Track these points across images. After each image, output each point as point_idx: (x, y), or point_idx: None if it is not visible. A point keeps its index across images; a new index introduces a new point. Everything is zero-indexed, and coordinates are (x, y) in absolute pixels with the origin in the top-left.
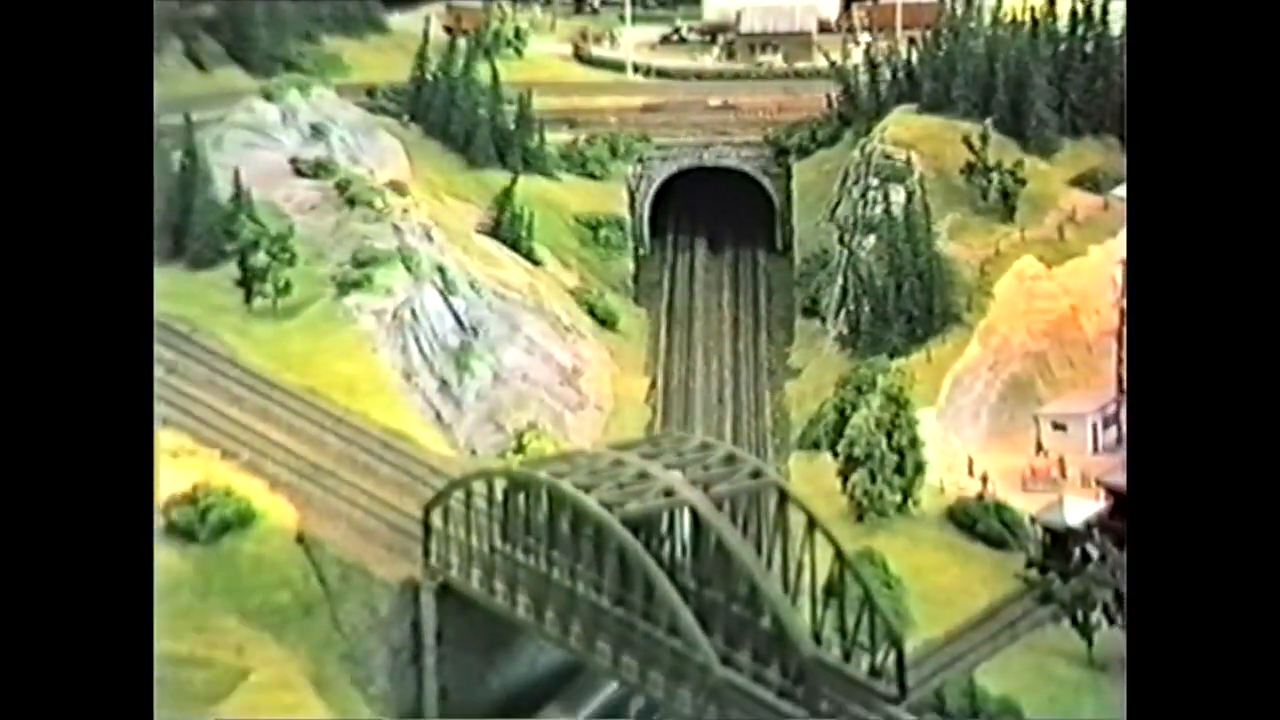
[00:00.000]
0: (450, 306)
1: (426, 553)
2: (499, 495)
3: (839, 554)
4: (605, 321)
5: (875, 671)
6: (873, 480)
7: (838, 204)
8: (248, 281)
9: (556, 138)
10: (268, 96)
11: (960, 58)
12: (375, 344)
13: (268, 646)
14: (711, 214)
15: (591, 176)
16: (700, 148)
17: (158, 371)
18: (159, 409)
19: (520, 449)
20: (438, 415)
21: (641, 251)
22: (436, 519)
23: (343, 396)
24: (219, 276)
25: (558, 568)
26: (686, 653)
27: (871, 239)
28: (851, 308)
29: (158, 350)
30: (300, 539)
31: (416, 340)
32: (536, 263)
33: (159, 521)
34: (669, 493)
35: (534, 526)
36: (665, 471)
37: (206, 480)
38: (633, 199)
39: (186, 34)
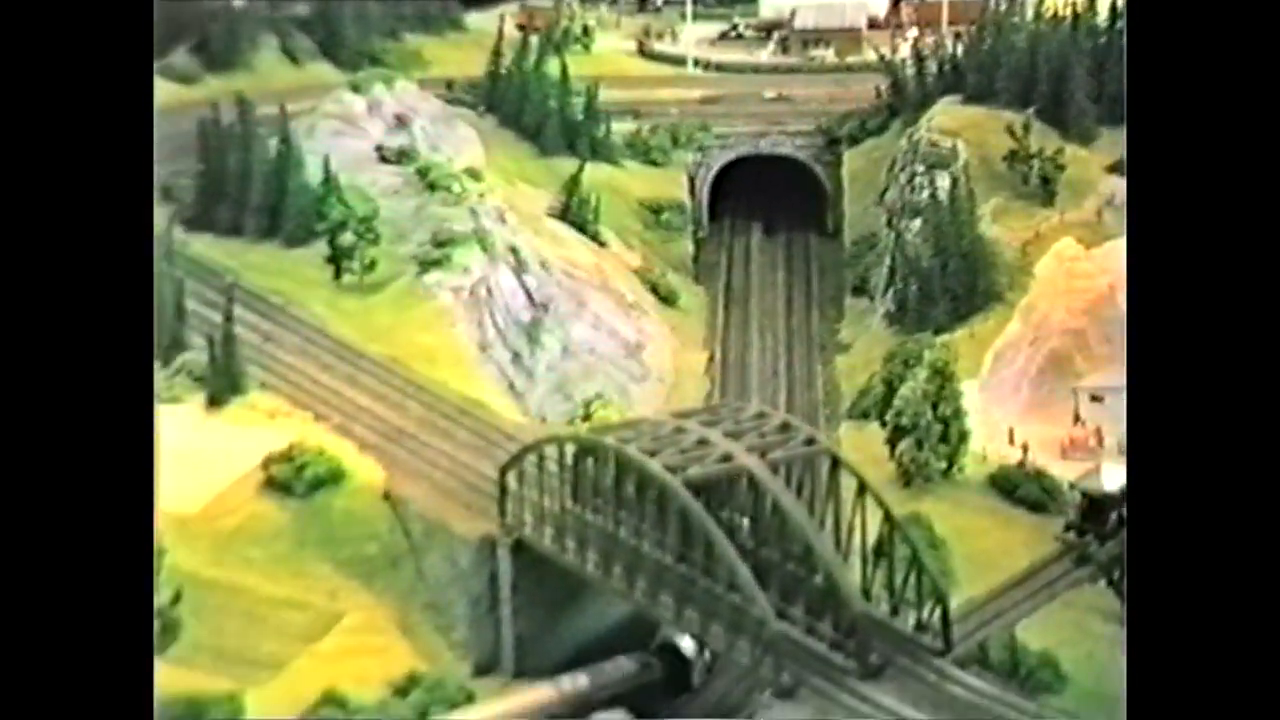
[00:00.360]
0: (523, 284)
1: (502, 511)
2: (569, 459)
3: (888, 516)
4: (666, 299)
5: (922, 626)
6: (919, 448)
7: (886, 189)
8: (336, 259)
9: (621, 127)
10: (355, 89)
11: (1003, 51)
12: (453, 318)
13: (358, 593)
14: (766, 199)
15: (654, 164)
16: (756, 137)
17: (254, 339)
18: (257, 373)
19: (587, 417)
20: (511, 385)
21: (700, 234)
22: (511, 480)
23: (423, 366)
24: (310, 254)
25: (624, 527)
26: (744, 607)
27: (918, 222)
28: (899, 287)
29: (254, 320)
30: (386, 496)
31: (491, 315)
32: (602, 244)
33: (259, 476)
34: (727, 458)
35: (601, 488)
36: (724, 438)
37: (302, 440)
38: (692, 185)
39: (281, 31)
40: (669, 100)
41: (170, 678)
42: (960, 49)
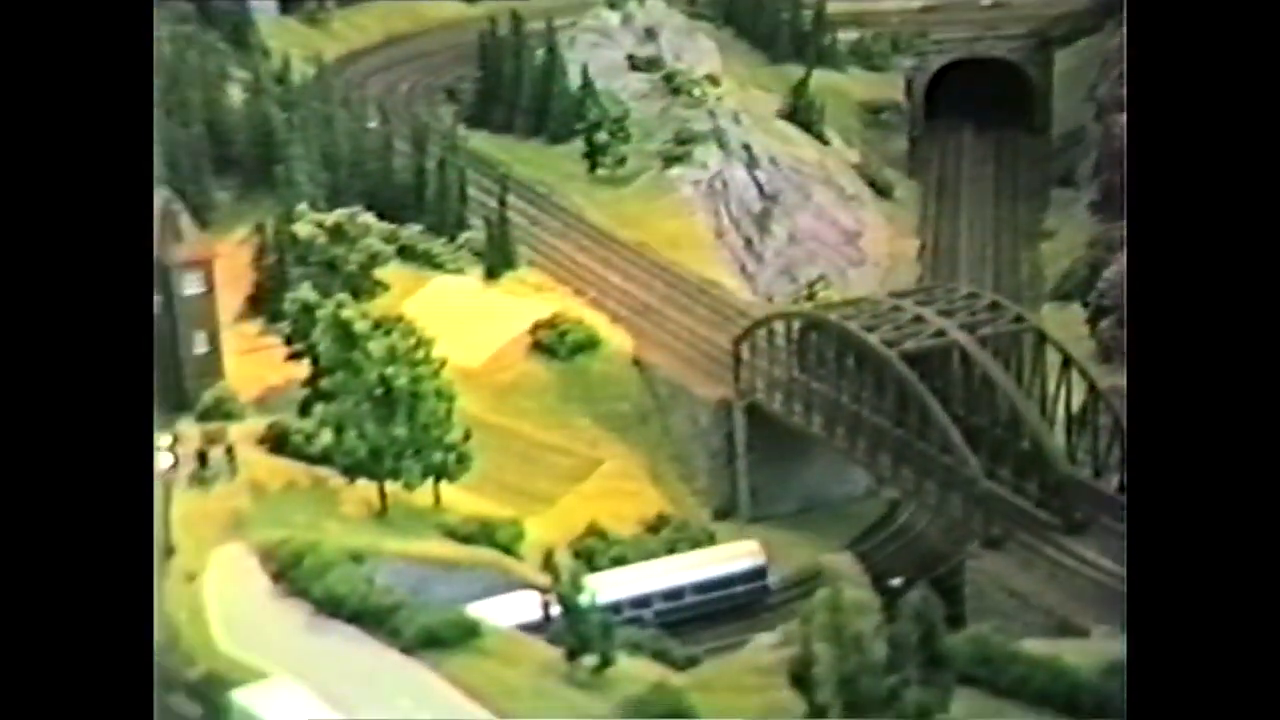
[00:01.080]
0: (754, 178)
1: (737, 378)
2: (795, 333)
3: (1092, 387)
4: (883, 191)
5: (1124, 489)
6: (1119, 326)
7: (1096, 85)
8: (592, 155)
9: (846, 36)
10: (611, 6)
11: None
12: (693, 208)
13: (614, 444)
14: (978, 100)
15: (875, 69)
16: (971, 41)
17: (523, 222)
18: (526, 252)
19: (810, 297)
20: (743, 267)
21: (916, 132)
22: (745, 351)
23: (667, 250)
24: (569, 150)
25: (845, 394)
26: (956, 467)
27: (1125, 115)
28: (1105, 177)
29: (523, 206)
30: (636, 362)
31: (726, 205)
32: (825, 142)
33: (527, 340)
34: (941, 334)
35: (825, 360)
36: (937, 316)
37: (563, 311)
38: (910, 87)
39: None
40: (891, 10)
41: (463, 501)
42: None
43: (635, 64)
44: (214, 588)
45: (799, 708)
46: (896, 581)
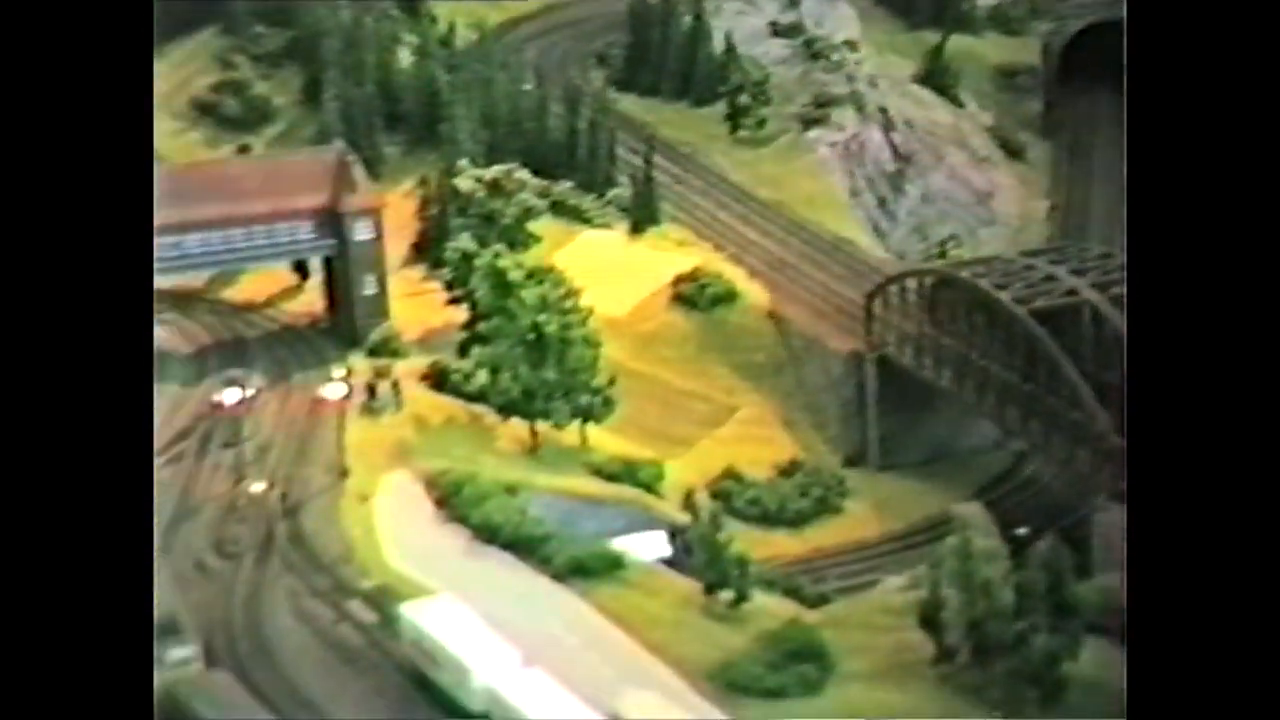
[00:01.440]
0: (889, 140)
1: (869, 332)
2: (927, 290)
3: None
4: (1015, 153)
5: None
6: None
7: None
8: (734, 117)
9: (985, 1)
10: None
11: None
12: (829, 168)
13: (750, 392)
14: (1114, 63)
15: (1012, 33)
16: (1110, 4)
17: (666, 180)
18: (669, 209)
19: (942, 255)
20: (876, 226)
21: (1051, 95)
22: (877, 306)
23: (803, 209)
24: (712, 112)
25: (975, 350)
26: (1085, 422)
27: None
28: None
29: (667, 165)
30: (771, 315)
31: (862, 166)
32: (960, 106)
33: (669, 292)
34: (1072, 292)
35: (956, 316)
36: (1069, 275)
37: (704, 265)
38: (1046, 50)
39: None
40: None
41: (608, 441)
42: None
43: (777, 30)
44: (384, 510)
45: (928, 649)
46: (1023, 531)
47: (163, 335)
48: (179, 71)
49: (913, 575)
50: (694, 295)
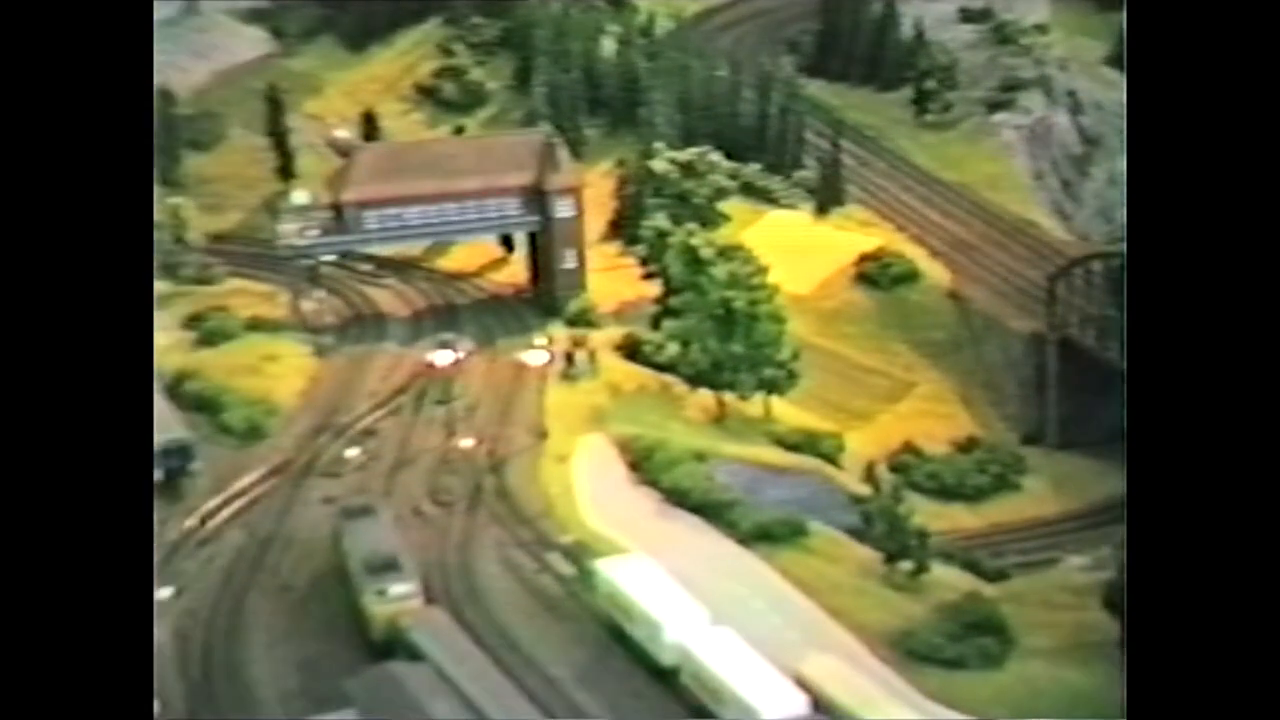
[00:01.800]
0: (1076, 122)
1: (1051, 313)
2: (1113, 272)
3: None
4: None
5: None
6: None
7: None
8: (920, 101)
9: None
10: None
11: None
12: (1014, 152)
13: (929, 369)
14: None
15: None
16: None
17: (852, 163)
18: (854, 191)
19: None
20: (1060, 209)
21: None
22: (1060, 288)
23: (986, 191)
24: (898, 97)
25: None
26: None
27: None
28: None
29: (853, 148)
30: (952, 294)
31: (1047, 149)
32: None
33: (852, 271)
34: None
35: None
36: None
37: (886, 245)
38: None
39: None
40: None
41: (790, 413)
42: None
43: (967, 16)
44: (581, 470)
45: (1112, 630)
46: None
47: (384, 298)
48: (405, 58)
49: (1096, 556)
50: (876, 274)
